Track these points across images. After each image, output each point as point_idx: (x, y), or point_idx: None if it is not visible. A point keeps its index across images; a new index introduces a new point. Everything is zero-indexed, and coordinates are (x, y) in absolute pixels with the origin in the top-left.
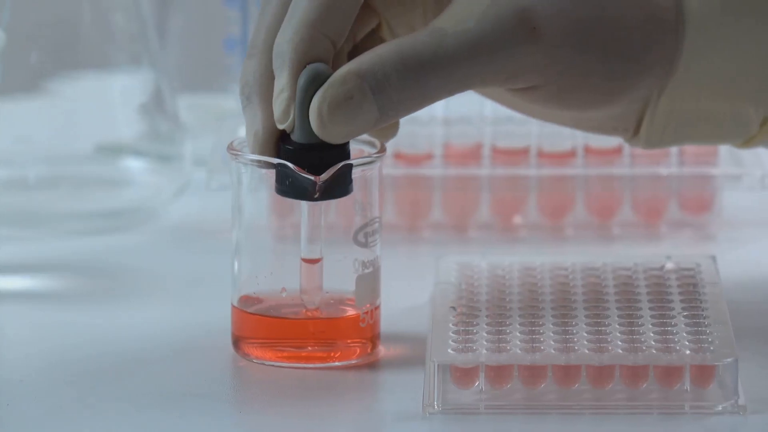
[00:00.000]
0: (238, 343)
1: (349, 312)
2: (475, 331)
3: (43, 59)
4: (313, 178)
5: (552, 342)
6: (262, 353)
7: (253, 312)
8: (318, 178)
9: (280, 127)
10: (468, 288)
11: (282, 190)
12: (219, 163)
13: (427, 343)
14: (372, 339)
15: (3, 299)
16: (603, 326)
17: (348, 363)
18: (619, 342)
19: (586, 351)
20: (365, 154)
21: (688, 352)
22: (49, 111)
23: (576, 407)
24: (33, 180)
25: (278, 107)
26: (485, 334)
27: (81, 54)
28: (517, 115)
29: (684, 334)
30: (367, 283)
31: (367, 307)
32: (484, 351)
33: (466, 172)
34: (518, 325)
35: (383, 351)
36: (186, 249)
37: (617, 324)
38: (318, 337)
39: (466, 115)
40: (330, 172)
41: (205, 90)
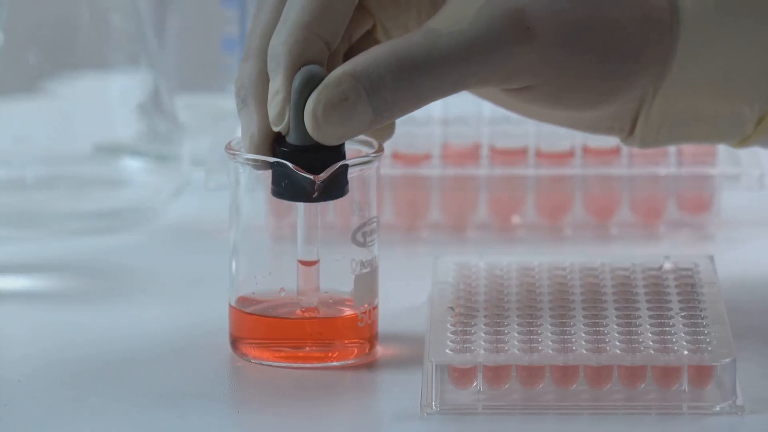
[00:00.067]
0: (235, 343)
1: (347, 312)
2: (473, 331)
3: (41, 59)
4: (312, 177)
5: (550, 342)
6: (259, 353)
7: (251, 312)
8: (317, 177)
9: (275, 129)
10: (466, 288)
11: (278, 192)
12: (217, 163)
13: (425, 344)
14: (370, 339)
15: (1, 299)
16: (601, 326)
17: (346, 363)
18: (617, 342)
19: (584, 351)
20: (363, 153)
21: (686, 353)
22: (47, 111)
23: (574, 407)
24: (31, 180)
25: (273, 109)
26: (483, 334)
27: (79, 54)
28: (515, 116)
29: (682, 335)
30: (365, 283)
31: (365, 307)
32: (482, 351)
33: (464, 172)
34: (516, 326)
35: (381, 351)
36: (184, 249)
37: (615, 324)
38: (316, 338)
39: (464, 115)
40: (329, 171)
41: (203, 90)
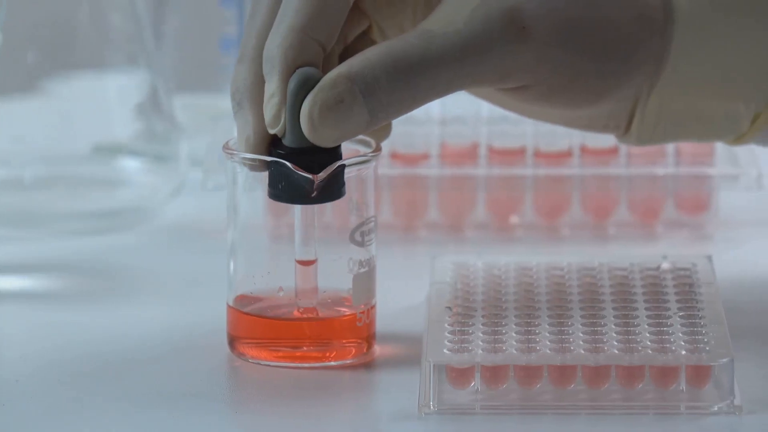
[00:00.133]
0: (233, 342)
1: (345, 312)
2: (470, 331)
3: (39, 59)
4: (311, 176)
5: (548, 342)
6: (257, 353)
7: (249, 312)
8: (316, 177)
9: (271, 131)
10: (464, 288)
11: (275, 194)
12: (215, 163)
13: (423, 343)
14: (368, 339)
15: None
16: (599, 326)
17: (343, 363)
18: (615, 342)
19: (582, 351)
20: (360, 153)
21: (683, 353)
22: (45, 111)
23: (572, 407)
24: (29, 180)
25: (269, 112)
26: (481, 334)
27: (77, 54)
28: (513, 115)
29: (680, 335)
30: (363, 282)
31: (362, 306)
32: (479, 351)
33: (462, 172)
34: (514, 325)
35: (379, 351)
36: (182, 249)
37: (613, 324)
38: (314, 337)
39: (462, 115)
40: (328, 170)
41: (201, 90)
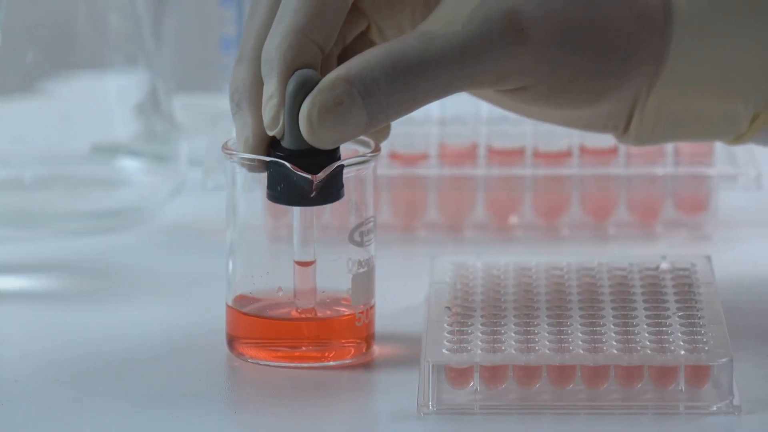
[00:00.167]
0: (232, 342)
1: (344, 312)
2: (470, 331)
3: (38, 59)
4: (310, 176)
5: (547, 342)
6: (256, 353)
7: (248, 312)
8: (315, 177)
9: (270, 133)
10: (463, 288)
11: (274, 196)
12: (214, 163)
13: (422, 343)
14: (367, 339)
15: None
16: (598, 326)
17: (343, 363)
18: (614, 342)
19: (581, 351)
20: (359, 153)
21: (682, 353)
22: (44, 111)
23: (571, 407)
24: (29, 180)
25: (267, 114)
26: (480, 334)
27: (76, 54)
28: (513, 115)
29: (679, 335)
30: (362, 282)
31: (362, 306)
32: (478, 351)
33: (461, 172)
34: (513, 326)
35: (378, 351)
36: (181, 249)
37: (612, 324)
38: (313, 337)
39: (461, 115)
40: (327, 170)
41: (201, 90)
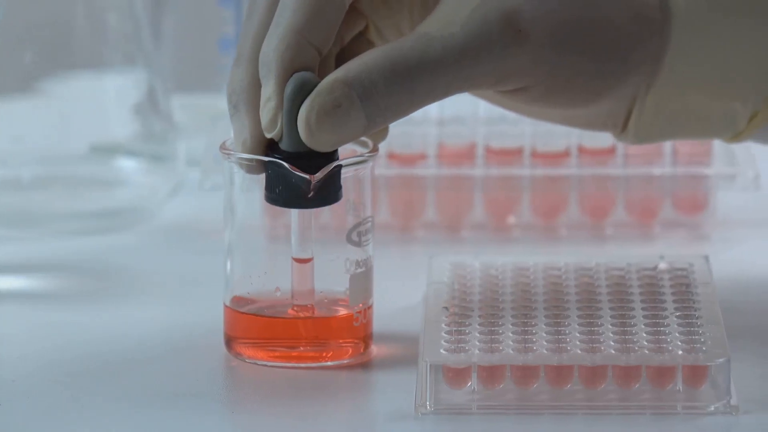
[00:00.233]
0: (230, 342)
1: (342, 312)
2: (467, 331)
3: (36, 59)
4: (308, 176)
5: (544, 342)
6: (254, 353)
7: (246, 312)
8: (313, 177)
9: (267, 135)
10: (461, 288)
11: (272, 198)
12: (212, 163)
13: (420, 343)
14: (364, 339)
15: None
16: (596, 326)
17: (340, 363)
18: (612, 342)
19: (579, 351)
20: (357, 153)
21: (680, 353)
22: (43, 111)
23: (568, 407)
24: (27, 180)
25: (265, 116)
26: (478, 334)
27: (75, 54)
28: (511, 116)
29: (676, 335)
30: (360, 282)
31: (359, 306)
32: (476, 351)
33: (459, 172)
34: (511, 326)
35: (376, 351)
36: (179, 249)
37: (610, 324)
38: (310, 337)
39: (459, 115)
40: (325, 170)
41: (199, 90)
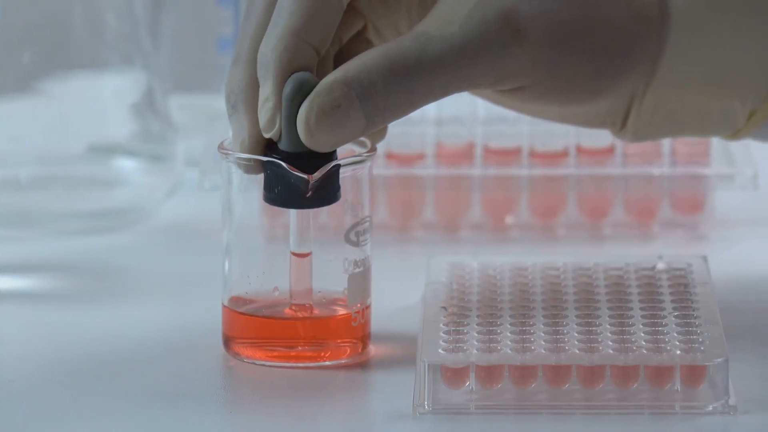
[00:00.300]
0: (228, 342)
1: (340, 311)
2: (465, 331)
3: (34, 59)
4: (306, 176)
5: (543, 342)
6: (252, 353)
7: (244, 312)
8: (311, 177)
9: (266, 135)
10: (459, 288)
11: (271, 198)
12: (211, 163)
13: (418, 343)
14: (362, 339)
15: None
16: (594, 326)
17: (338, 363)
18: (610, 342)
19: (577, 351)
20: (355, 153)
21: (678, 352)
22: (41, 111)
23: (567, 407)
24: (25, 180)
25: (263, 116)
26: (476, 334)
27: (73, 54)
28: (509, 116)
29: (675, 334)
30: (358, 282)
31: (358, 306)
32: (474, 351)
33: (457, 172)
34: (509, 325)
35: (374, 351)
36: (177, 249)
37: (608, 324)
38: (308, 337)
39: (458, 115)
40: (323, 170)
41: (198, 90)
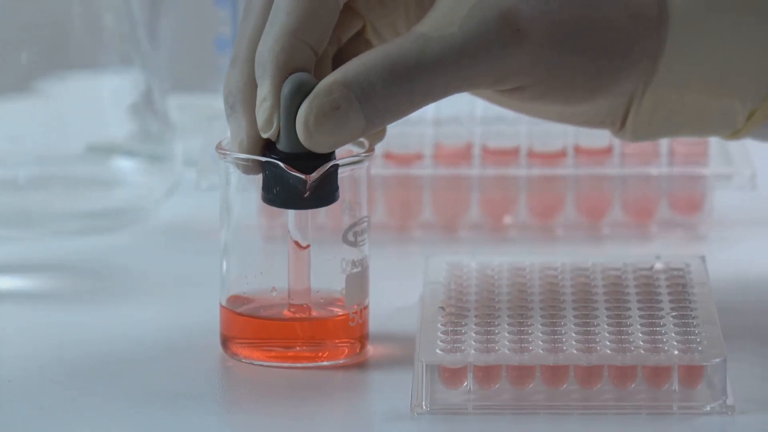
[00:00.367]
0: (226, 342)
1: (338, 312)
2: (463, 331)
3: (33, 59)
4: (304, 176)
5: (540, 342)
6: (250, 353)
7: (242, 312)
8: (309, 177)
9: (263, 135)
10: (457, 288)
11: (269, 199)
12: (209, 163)
13: (416, 343)
14: (360, 339)
15: None
16: (592, 326)
17: (336, 363)
18: (608, 342)
19: (575, 351)
20: (353, 153)
21: (676, 353)
22: (39, 111)
23: (564, 407)
24: (23, 180)
25: (261, 116)
26: (474, 334)
27: (71, 54)
28: (508, 116)
29: (672, 335)
30: (356, 282)
31: (355, 306)
32: (472, 351)
33: (456, 172)
34: (507, 326)
35: (372, 351)
36: (176, 249)
37: (606, 324)
38: (306, 337)
39: (456, 115)
40: (321, 170)
41: (196, 90)
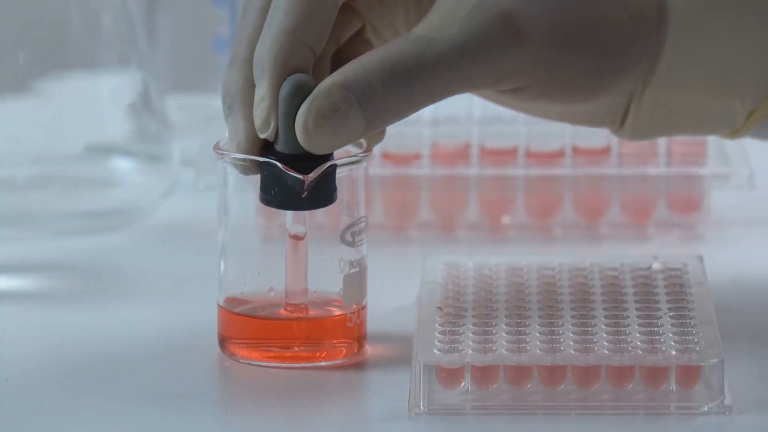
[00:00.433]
0: (224, 343)
1: (336, 312)
2: (461, 331)
3: (31, 59)
4: (302, 176)
5: (538, 342)
6: (248, 353)
7: (239, 312)
8: (306, 177)
9: (261, 136)
10: (455, 288)
11: (267, 199)
12: (207, 163)
13: (414, 344)
14: (358, 339)
15: None
16: (589, 327)
17: (334, 363)
18: (605, 342)
19: (572, 351)
20: (351, 153)
21: (674, 353)
22: (37, 111)
23: (562, 408)
24: (21, 180)
25: (258, 116)
26: (471, 334)
27: (69, 54)
28: (506, 116)
29: (670, 335)
30: (354, 282)
31: (353, 306)
32: (470, 351)
33: (454, 172)
34: (504, 326)
35: (369, 351)
36: (174, 249)
37: (603, 324)
38: (304, 338)
39: (454, 115)
40: (319, 171)
41: (194, 90)
